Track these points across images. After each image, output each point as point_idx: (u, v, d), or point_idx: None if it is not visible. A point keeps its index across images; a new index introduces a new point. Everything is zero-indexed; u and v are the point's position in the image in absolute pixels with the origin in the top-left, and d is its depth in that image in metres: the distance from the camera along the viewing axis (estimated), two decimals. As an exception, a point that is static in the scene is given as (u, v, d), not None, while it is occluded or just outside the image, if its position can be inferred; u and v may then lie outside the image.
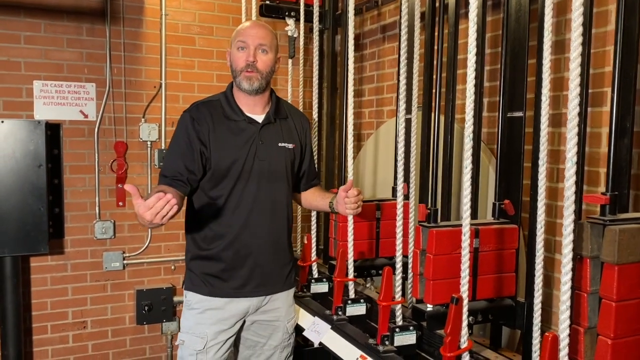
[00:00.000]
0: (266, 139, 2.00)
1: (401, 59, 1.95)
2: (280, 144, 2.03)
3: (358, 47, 3.50)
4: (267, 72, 1.97)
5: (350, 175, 2.10)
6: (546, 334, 1.26)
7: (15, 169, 2.79)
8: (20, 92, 3.12)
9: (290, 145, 2.06)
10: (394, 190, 2.52)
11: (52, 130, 3.11)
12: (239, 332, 2.07)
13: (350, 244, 2.06)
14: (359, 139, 3.53)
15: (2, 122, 2.75)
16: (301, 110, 2.97)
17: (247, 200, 1.96)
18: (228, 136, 1.95)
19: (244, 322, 2.06)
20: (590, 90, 1.78)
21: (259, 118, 2.02)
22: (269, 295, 2.05)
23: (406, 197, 2.16)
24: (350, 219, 2.06)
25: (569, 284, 1.18)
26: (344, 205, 1.98)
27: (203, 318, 1.96)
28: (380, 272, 2.40)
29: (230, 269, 1.97)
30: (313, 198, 2.20)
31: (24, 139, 2.79)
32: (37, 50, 3.14)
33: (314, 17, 2.79)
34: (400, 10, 1.98)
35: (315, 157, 2.77)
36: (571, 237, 1.19)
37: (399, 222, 1.90)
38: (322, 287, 2.43)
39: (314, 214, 2.52)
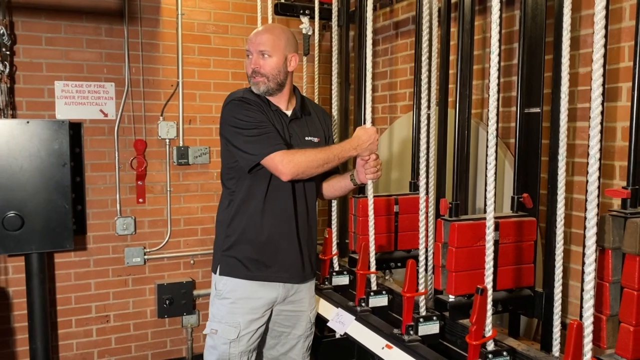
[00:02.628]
0: (295, 133, 2.06)
1: (423, 57, 2.00)
2: (307, 138, 2.10)
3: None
4: (274, 74, 2.02)
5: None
6: (571, 322, 1.32)
7: (40, 167, 2.85)
8: (42, 93, 3.19)
9: (316, 139, 2.13)
10: (411, 185, 2.58)
11: (74, 129, 3.17)
12: (267, 322, 2.14)
13: (371, 238, 2.12)
14: (372, 134, 3.58)
15: (28, 122, 2.81)
16: (317, 106, 3.03)
17: (289, 191, 2.04)
18: (275, 123, 2.01)
19: (272, 312, 2.13)
20: (606, 86, 1.83)
21: (287, 112, 2.10)
22: (297, 284, 2.12)
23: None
24: (370, 213, 2.11)
25: (592, 274, 1.24)
26: (363, 173, 2.06)
27: (235, 307, 2.02)
28: (398, 264, 2.46)
29: (273, 255, 2.03)
30: (333, 183, 2.23)
31: (48, 138, 2.85)
32: (58, 51, 3.20)
33: (333, 16, 2.83)
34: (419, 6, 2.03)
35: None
36: (594, 229, 1.25)
37: (422, 216, 1.95)
38: (343, 280, 2.50)
39: (333, 208, 2.57)
